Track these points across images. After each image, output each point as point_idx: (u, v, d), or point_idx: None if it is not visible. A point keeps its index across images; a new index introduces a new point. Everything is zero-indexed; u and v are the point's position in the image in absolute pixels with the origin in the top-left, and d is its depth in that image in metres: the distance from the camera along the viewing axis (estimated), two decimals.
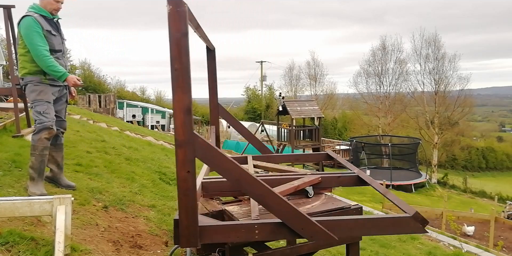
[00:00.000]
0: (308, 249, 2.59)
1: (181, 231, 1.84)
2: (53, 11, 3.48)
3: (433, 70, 31.53)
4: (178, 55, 1.68)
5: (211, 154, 1.82)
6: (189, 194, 1.78)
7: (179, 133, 1.74)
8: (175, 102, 1.72)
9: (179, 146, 1.75)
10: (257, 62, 41.90)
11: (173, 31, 1.67)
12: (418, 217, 1.95)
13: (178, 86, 1.70)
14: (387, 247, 5.60)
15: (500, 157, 42.32)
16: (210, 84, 3.53)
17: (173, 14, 1.66)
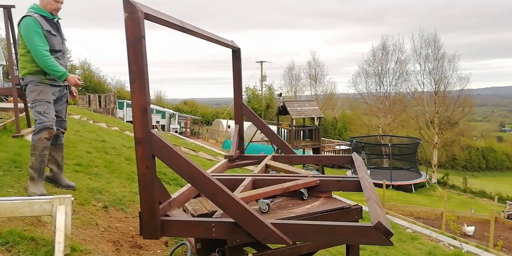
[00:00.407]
0: (308, 249, 2.59)
1: (142, 224, 1.95)
2: (53, 11, 3.48)
3: (433, 70, 31.56)
4: (134, 59, 1.80)
5: (166, 152, 1.90)
6: (148, 188, 1.89)
7: (138, 131, 1.85)
8: (133, 101, 1.83)
9: (138, 143, 1.86)
10: (257, 62, 41.93)
11: (129, 36, 1.79)
12: (380, 227, 1.78)
13: (135, 87, 1.82)
14: (387, 247, 5.59)
15: (500, 157, 42.32)
16: (235, 84, 3.63)
17: (129, 20, 1.77)
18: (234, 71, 3.56)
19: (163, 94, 43.71)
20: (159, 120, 30.73)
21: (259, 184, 2.61)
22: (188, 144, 15.00)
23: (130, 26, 1.77)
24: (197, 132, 31.96)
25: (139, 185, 1.89)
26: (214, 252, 2.73)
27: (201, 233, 2.04)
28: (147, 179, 1.88)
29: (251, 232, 1.89)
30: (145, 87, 1.81)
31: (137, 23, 1.77)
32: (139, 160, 1.88)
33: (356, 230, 1.84)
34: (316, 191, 2.63)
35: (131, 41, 1.78)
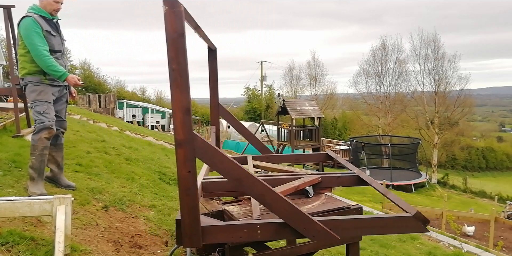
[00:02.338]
0: (308, 249, 2.59)
1: (184, 231, 1.83)
2: (52, 11, 3.48)
3: (433, 70, 31.55)
4: (175, 56, 1.69)
5: (211, 154, 1.82)
6: (190, 193, 1.78)
7: (179, 133, 1.74)
8: (174, 102, 1.72)
9: (179, 146, 1.75)
10: (257, 62, 41.97)
11: (170, 31, 1.67)
12: (419, 216, 1.95)
13: (176, 86, 1.70)
14: (387, 247, 5.60)
15: (500, 157, 42.31)
16: (211, 84, 3.51)
17: (169, 15, 1.66)
18: (210, 70, 3.47)
19: (163, 94, 43.71)
20: (159, 120, 30.71)
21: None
22: None
23: (170, 21, 1.66)
24: (197, 132, 31.90)
25: (179, 191, 1.79)
26: (214, 252, 2.73)
27: (245, 237, 1.96)
28: (189, 183, 1.76)
29: (300, 230, 1.90)
30: (187, 86, 1.71)
31: (178, 17, 1.66)
32: (180, 164, 1.75)
33: (397, 221, 1.98)
34: (317, 188, 2.67)
35: (171, 37, 1.67)
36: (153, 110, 31.29)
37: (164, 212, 3.95)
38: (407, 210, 2.03)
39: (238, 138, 27.71)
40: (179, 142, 1.75)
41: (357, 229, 2.00)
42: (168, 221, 3.72)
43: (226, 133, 30.23)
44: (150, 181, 4.94)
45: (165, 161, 6.61)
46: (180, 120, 1.73)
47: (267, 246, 2.57)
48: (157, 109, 32.24)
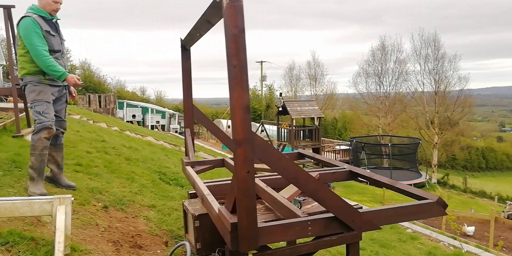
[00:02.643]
0: (308, 249, 2.58)
1: (242, 234, 1.76)
2: (52, 12, 3.48)
3: (433, 70, 31.58)
4: (236, 52, 1.62)
5: (270, 153, 1.79)
6: (249, 195, 1.72)
7: (239, 132, 1.67)
8: (233, 99, 1.64)
9: (239, 145, 1.67)
10: (257, 62, 41.95)
11: (231, 27, 1.61)
12: (440, 201, 2.18)
13: (236, 83, 1.63)
14: (387, 247, 5.60)
15: (500, 157, 42.33)
16: (185, 85, 3.35)
17: (230, 9, 1.60)
18: (184, 70, 3.31)
19: (163, 94, 43.73)
20: (159, 120, 30.71)
21: (271, 185, 2.65)
22: None
23: (231, 15, 1.59)
24: (197, 132, 31.97)
25: (238, 192, 1.72)
26: (214, 252, 2.73)
27: (296, 235, 1.95)
28: (248, 184, 1.69)
29: (348, 223, 1.97)
30: (247, 83, 1.65)
31: (239, 12, 1.60)
32: (239, 164, 1.68)
33: (423, 207, 2.16)
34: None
35: (232, 33, 1.60)
36: (153, 110, 31.28)
37: (164, 212, 3.95)
38: (427, 197, 2.22)
39: None
40: (239, 141, 1.67)
41: (391, 218, 2.12)
42: (168, 221, 3.72)
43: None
44: (150, 181, 4.94)
45: (165, 161, 6.61)
46: (241, 118, 1.65)
47: (267, 246, 2.57)
48: (157, 109, 32.24)
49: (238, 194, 1.71)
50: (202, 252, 2.83)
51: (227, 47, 1.63)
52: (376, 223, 2.03)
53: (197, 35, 2.64)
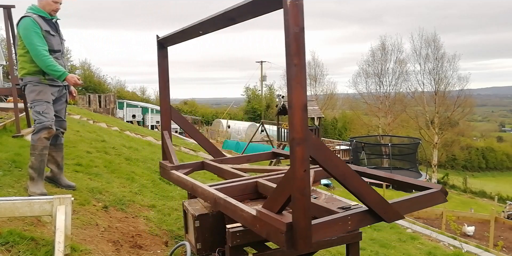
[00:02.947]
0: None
1: (300, 234, 1.73)
2: (51, 12, 3.48)
3: (433, 70, 31.58)
4: (297, 51, 1.62)
5: (323, 152, 1.80)
6: (306, 193, 1.70)
7: (298, 131, 1.65)
8: (293, 98, 1.64)
9: (298, 144, 1.66)
10: (257, 62, 41.94)
11: (293, 25, 1.61)
12: (443, 190, 2.40)
13: (297, 82, 1.62)
14: (387, 247, 5.59)
15: (500, 157, 42.36)
16: (162, 84, 3.22)
17: (293, 8, 1.60)
18: (161, 70, 3.18)
19: None
20: (159, 120, 30.69)
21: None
22: (188, 144, 15.00)
23: (294, 14, 1.59)
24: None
25: (294, 191, 1.69)
26: (214, 252, 2.73)
27: (340, 230, 1.96)
28: (305, 183, 1.68)
29: (381, 215, 2.04)
30: (305, 82, 1.65)
31: (300, 10, 1.60)
32: (298, 162, 1.66)
33: (431, 196, 2.34)
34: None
35: (293, 32, 1.60)
36: (153, 110, 31.29)
37: (164, 212, 3.95)
38: (431, 186, 2.43)
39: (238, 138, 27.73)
40: (297, 140, 1.65)
41: (410, 207, 2.26)
42: (168, 221, 3.72)
43: (226, 133, 30.23)
44: (150, 181, 4.94)
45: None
46: (300, 117, 1.65)
47: (267, 246, 2.57)
48: (157, 109, 32.22)
49: (296, 193, 1.69)
50: (202, 252, 2.83)
51: (287, 46, 1.62)
52: (401, 213, 2.14)
53: (199, 33, 2.56)
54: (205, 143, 3.45)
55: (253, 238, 2.38)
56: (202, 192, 2.54)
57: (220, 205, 2.33)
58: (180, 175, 2.94)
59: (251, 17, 2.09)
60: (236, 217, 2.17)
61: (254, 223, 1.97)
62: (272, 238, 1.85)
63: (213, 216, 2.88)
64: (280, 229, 1.78)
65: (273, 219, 1.83)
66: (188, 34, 2.61)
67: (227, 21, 2.25)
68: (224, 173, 3.07)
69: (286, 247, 1.77)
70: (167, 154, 3.26)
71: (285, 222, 1.76)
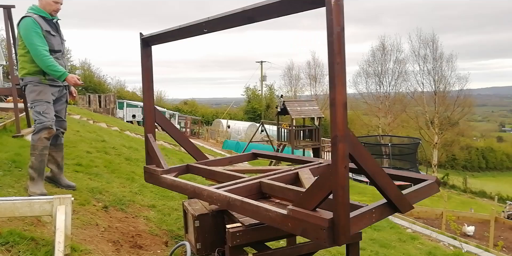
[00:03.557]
0: (308, 249, 2.59)
1: (341, 229, 1.78)
2: (52, 12, 3.48)
3: (432, 70, 31.58)
4: (339, 50, 1.66)
5: (359, 149, 1.87)
6: (346, 189, 1.76)
7: (340, 128, 1.72)
8: (336, 96, 1.69)
9: (340, 141, 1.72)
10: (257, 62, 41.98)
11: (335, 25, 1.65)
12: (438, 180, 2.63)
13: (339, 80, 1.68)
14: (387, 247, 5.59)
15: (500, 157, 42.36)
16: (146, 85, 3.08)
17: (336, 8, 1.64)
18: (144, 69, 3.04)
19: (163, 94, 43.80)
20: None
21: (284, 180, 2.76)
22: None
23: (336, 14, 1.64)
24: (197, 132, 31.98)
25: (336, 187, 1.73)
26: (214, 252, 2.73)
27: (367, 222, 2.03)
28: (345, 179, 1.74)
29: (399, 206, 2.17)
30: (345, 80, 1.72)
31: (342, 10, 1.65)
32: (340, 159, 1.72)
33: (430, 186, 2.54)
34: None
35: (336, 31, 1.65)
36: None
37: (164, 212, 3.95)
38: (426, 178, 2.63)
39: (238, 138, 27.73)
40: (340, 137, 1.72)
41: (416, 198, 2.40)
42: (168, 221, 3.72)
43: (226, 133, 30.23)
44: None
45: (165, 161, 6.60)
46: (341, 115, 1.73)
47: (267, 246, 2.57)
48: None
49: (338, 189, 1.74)
50: (202, 252, 2.83)
51: (330, 44, 1.66)
52: (411, 204, 2.28)
53: (204, 31, 2.49)
54: (188, 146, 3.33)
55: (253, 238, 2.38)
56: (210, 195, 2.45)
57: (236, 207, 2.27)
58: (176, 179, 2.83)
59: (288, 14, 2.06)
60: (259, 217, 2.14)
61: (284, 222, 1.98)
62: (310, 235, 1.88)
63: (213, 216, 2.88)
64: (321, 225, 1.81)
65: (312, 216, 1.85)
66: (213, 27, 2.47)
67: (244, 20, 2.21)
68: (217, 175, 2.98)
69: (328, 242, 1.81)
70: (154, 158, 3.10)
71: (327, 218, 1.79)
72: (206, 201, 2.72)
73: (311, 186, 1.92)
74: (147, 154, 3.17)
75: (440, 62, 31.46)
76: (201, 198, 2.56)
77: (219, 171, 3.01)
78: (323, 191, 1.84)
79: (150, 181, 3.17)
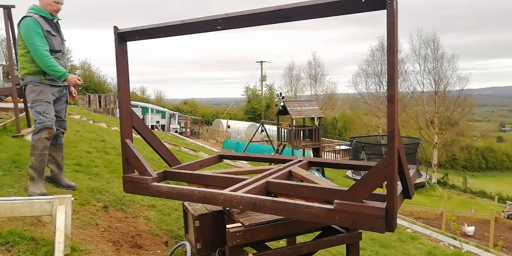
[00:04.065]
0: (308, 249, 2.59)
1: (394, 216, 1.94)
2: (53, 12, 3.49)
3: (433, 70, 31.56)
4: (397, 50, 1.78)
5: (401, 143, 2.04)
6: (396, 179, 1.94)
7: (396, 123, 1.86)
8: (394, 93, 1.82)
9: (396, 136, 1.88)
10: (257, 62, 41.94)
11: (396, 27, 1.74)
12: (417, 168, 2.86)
13: (395, 78, 1.80)
14: (387, 247, 5.59)
15: (500, 157, 42.32)
16: (122, 85, 2.79)
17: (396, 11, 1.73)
18: (120, 67, 2.75)
19: (163, 94, 43.76)
20: (159, 120, 30.73)
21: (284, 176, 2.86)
22: (188, 144, 15.01)
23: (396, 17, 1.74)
24: (197, 132, 31.98)
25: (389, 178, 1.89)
26: (214, 252, 2.73)
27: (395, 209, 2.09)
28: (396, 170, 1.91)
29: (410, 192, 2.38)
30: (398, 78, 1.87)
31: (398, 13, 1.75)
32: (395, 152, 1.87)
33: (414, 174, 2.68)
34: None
35: (395, 33, 1.75)
36: (153, 110, 31.28)
37: (164, 212, 3.95)
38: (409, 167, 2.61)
39: (238, 138, 27.72)
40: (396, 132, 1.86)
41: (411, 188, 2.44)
42: (168, 221, 3.72)
43: (226, 133, 30.22)
44: None
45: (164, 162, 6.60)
46: (397, 111, 1.85)
47: (267, 246, 2.57)
48: (157, 109, 32.26)
49: (391, 179, 1.89)
50: (202, 252, 2.83)
51: (391, 45, 1.76)
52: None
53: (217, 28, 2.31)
54: (162, 151, 3.19)
55: (253, 238, 2.38)
56: (229, 199, 2.32)
57: (266, 207, 2.19)
58: (176, 187, 2.60)
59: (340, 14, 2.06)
60: (298, 215, 2.13)
61: (330, 216, 2.05)
62: (363, 225, 1.99)
63: (213, 216, 2.88)
64: (376, 215, 1.94)
65: (365, 207, 1.97)
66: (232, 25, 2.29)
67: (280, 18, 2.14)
68: (209, 179, 2.85)
69: (383, 229, 1.95)
70: (137, 165, 2.80)
71: (383, 207, 1.93)
72: (222, 206, 2.64)
73: (361, 180, 2.03)
74: (125, 161, 2.85)
75: (441, 62, 31.45)
76: (215, 203, 2.40)
77: (210, 175, 2.88)
78: (376, 183, 1.97)
79: (134, 191, 2.80)
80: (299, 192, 2.42)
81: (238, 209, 2.46)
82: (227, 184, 2.63)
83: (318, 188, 2.37)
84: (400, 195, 2.30)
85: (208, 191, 2.45)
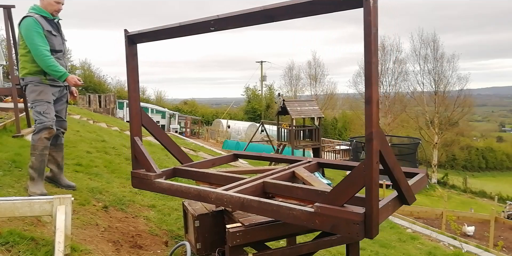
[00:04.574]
0: (308, 249, 2.59)
1: (374, 222, 1.86)
2: (53, 12, 3.49)
3: (433, 70, 31.57)
4: (375, 50, 1.74)
5: (386, 145, 1.95)
6: (377, 183, 1.86)
7: (375, 125, 1.79)
8: (372, 94, 1.75)
9: (375, 138, 1.79)
10: (257, 62, 41.97)
11: (372, 26, 1.70)
12: (427, 174, 2.80)
13: (374, 78, 1.76)
14: (387, 247, 5.59)
15: (500, 157, 42.34)
16: (131, 86, 2.91)
17: (373, 9, 1.70)
18: (130, 69, 2.86)
19: (163, 94, 43.76)
20: (159, 120, 30.69)
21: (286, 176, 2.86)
22: (188, 144, 15.01)
23: (374, 15, 1.71)
24: (197, 132, 31.98)
25: (369, 181, 1.81)
26: (214, 252, 2.73)
27: (386, 215, 2.12)
28: (377, 173, 1.84)
29: (408, 198, 2.29)
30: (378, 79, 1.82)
31: (377, 12, 1.73)
32: (374, 155, 1.80)
33: (423, 179, 2.66)
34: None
35: (373, 31, 1.71)
36: (153, 110, 31.28)
37: (164, 212, 3.95)
38: (418, 172, 2.73)
39: (238, 138, 27.73)
40: (374, 134, 1.78)
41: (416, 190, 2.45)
42: (168, 221, 3.72)
43: (226, 133, 30.23)
44: None
45: (165, 161, 6.61)
46: (375, 112, 1.78)
47: (267, 246, 2.57)
48: (157, 109, 32.26)
49: (371, 184, 1.81)
50: (202, 252, 2.84)
51: (367, 45, 1.72)
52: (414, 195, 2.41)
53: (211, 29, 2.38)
54: (173, 149, 3.23)
55: (253, 238, 2.38)
56: (219, 198, 2.37)
57: (253, 208, 2.22)
58: (174, 184, 2.71)
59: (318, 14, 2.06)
60: (281, 217, 2.13)
61: (311, 219, 2.00)
62: (341, 230, 1.93)
63: (213, 216, 2.88)
64: (354, 220, 1.87)
65: (344, 211, 1.90)
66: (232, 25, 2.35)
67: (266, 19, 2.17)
68: (212, 177, 2.91)
69: (360, 236, 1.88)
70: (143, 162, 2.93)
71: (361, 213, 1.86)
72: (214, 204, 2.65)
73: (341, 183, 1.97)
74: (134, 158, 2.99)
75: (441, 62, 31.46)
76: (208, 201, 2.46)
77: (213, 173, 2.93)
78: (356, 187, 1.89)
79: (140, 186, 2.98)
80: (294, 193, 2.41)
81: (229, 208, 2.49)
82: (228, 183, 2.65)
83: (311, 190, 2.33)
84: (393, 201, 2.20)
85: (202, 189, 2.50)
